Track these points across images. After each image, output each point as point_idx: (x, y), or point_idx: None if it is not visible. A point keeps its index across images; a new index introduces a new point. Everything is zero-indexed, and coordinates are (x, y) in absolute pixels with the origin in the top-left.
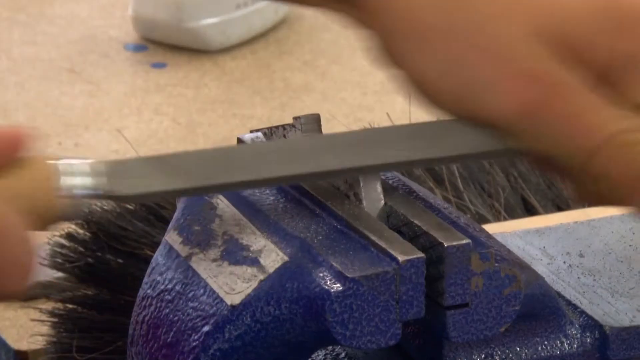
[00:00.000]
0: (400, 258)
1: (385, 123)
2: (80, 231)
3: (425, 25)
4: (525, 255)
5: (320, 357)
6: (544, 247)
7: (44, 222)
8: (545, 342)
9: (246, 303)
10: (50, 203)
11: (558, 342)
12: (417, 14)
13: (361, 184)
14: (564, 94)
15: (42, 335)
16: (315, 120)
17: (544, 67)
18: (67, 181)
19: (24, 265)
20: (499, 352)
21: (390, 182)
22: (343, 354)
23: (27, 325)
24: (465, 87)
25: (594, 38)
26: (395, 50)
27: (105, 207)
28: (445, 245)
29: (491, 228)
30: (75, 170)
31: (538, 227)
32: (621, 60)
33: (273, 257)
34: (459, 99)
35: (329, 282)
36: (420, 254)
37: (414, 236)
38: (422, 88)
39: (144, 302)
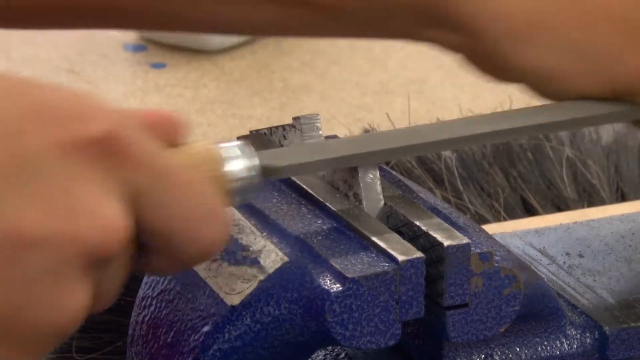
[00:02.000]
0: (400, 258)
1: (384, 123)
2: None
3: (544, 23)
4: (525, 255)
5: (320, 357)
6: (544, 248)
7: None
8: (545, 343)
9: (246, 303)
10: (223, 188)
11: (558, 342)
12: (522, 13)
13: (361, 185)
14: None
15: None
16: (315, 121)
17: None
18: (230, 166)
19: (215, 216)
20: (499, 353)
21: (390, 182)
22: (343, 354)
23: None
24: (593, 63)
25: None
26: (512, 60)
27: None
28: (445, 246)
29: (491, 228)
30: (236, 153)
31: (538, 228)
32: None
33: (273, 258)
34: (588, 78)
35: (328, 283)
36: (420, 254)
37: (414, 236)
38: (548, 82)
39: (143, 302)
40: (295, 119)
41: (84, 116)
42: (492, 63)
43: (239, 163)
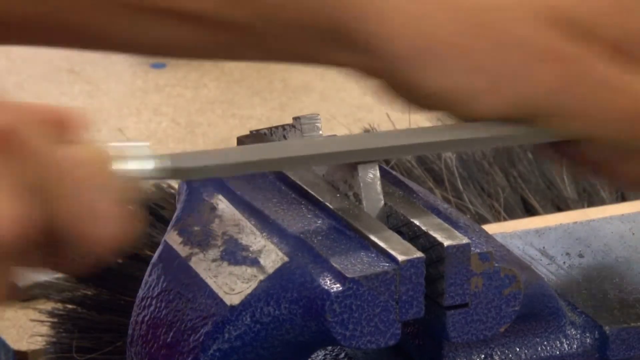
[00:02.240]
0: (400, 258)
1: (384, 123)
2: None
3: (443, 43)
4: (525, 255)
5: (320, 357)
6: (544, 248)
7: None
8: (545, 343)
9: (246, 303)
10: (108, 186)
11: (558, 342)
12: (430, 37)
13: (361, 184)
14: (585, 64)
15: (41, 335)
16: (315, 121)
17: (559, 44)
18: (121, 164)
19: (109, 212)
20: (499, 353)
21: (390, 182)
22: (343, 354)
23: (26, 326)
24: (494, 85)
25: (603, 18)
26: (415, 81)
27: None
28: (445, 246)
29: (491, 228)
30: (128, 154)
31: (538, 228)
32: (633, 36)
33: (273, 258)
34: (496, 98)
35: (328, 283)
36: (420, 254)
37: (414, 236)
38: (454, 104)
39: (143, 303)
40: (295, 119)
41: None
42: (401, 87)
43: (131, 163)
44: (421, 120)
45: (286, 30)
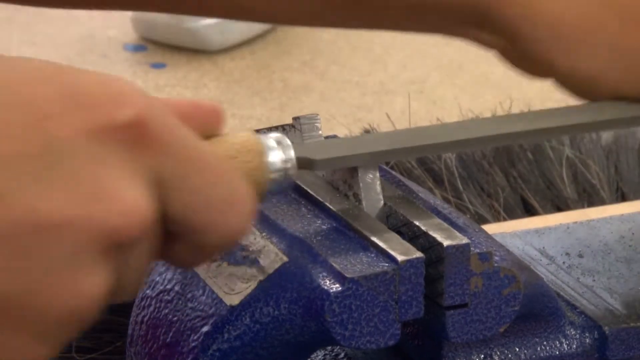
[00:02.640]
0: (400, 258)
1: (384, 123)
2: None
3: (583, 29)
4: (525, 255)
5: (320, 357)
6: (544, 248)
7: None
8: (545, 343)
9: (245, 303)
10: (261, 179)
11: (557, 342)
12: (565, 19)
13: (360, 184)
14: None
15: None
16: (315, 121)
17: None
18: (274, 156)
19: (242, 205)
20: (498, 353)
21: (390, 182)
22: (342, 354)
23: None
24: (633, 67)
25: None
26: (549, 62)
27: None
28: (445, 246)
29: (490, 228)
30: (274, 145)
31: (537, 228)
32: None
33: (272, 258)
34: (627, 81)
35: (328, 283)
36: (420, 254)
37: (414, 236)
38: (588, 85)
39: (143, 303)
40: (295, 119)
41: (112, 101)
42: (530, 63)
43: (276, 154)
44: (420, 120)
45: (425, 4)
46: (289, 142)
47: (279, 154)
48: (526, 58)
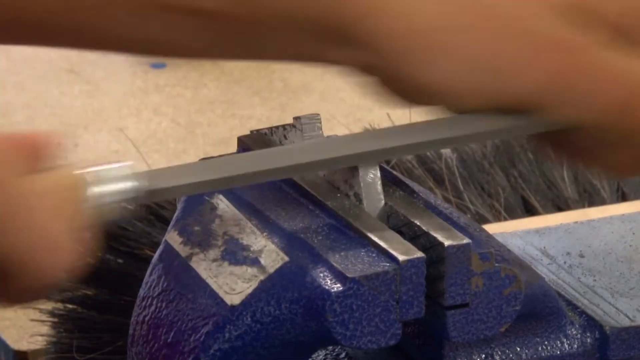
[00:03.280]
0: (401, 258)
1: (385, 123)
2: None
3: (440, 38)
4: (526, 255)
5: (321, 357)
6: (544, 248)
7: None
8: (546, 342)
9: (246, 303)
10: (79, 213)
11: (558, 342)
12: (426, 32)
13: (361, 184)
14: (584, 54)
15: (42, 335)
16: (315, 121)
17: (565, 34)
18: (95, 190)
19: (61, 246)
20: (499, 352)
21: (391, 182)
22: (343, 354)
23: (27, 326)
24: (492, 77)
25: (603, 1)
26: (411, 77)
27: None
28: (446, 245)
29: (491, 228)
30: (105, 177)
31: (538, 228)
32: (630, 16)
33: (273, 257)
34: (489, 91)
35: (329, 282)
36: (421, 254)
37: (414, 236)
38: (451, 99)
39: (144, 302)
40: (295, 119)
41: None
42: (398, 84)
43: (108, 187)
44: (421, 118)
45: (283, 25)
46: (119, 174)
47: (104, 187)
48: (394, 78)
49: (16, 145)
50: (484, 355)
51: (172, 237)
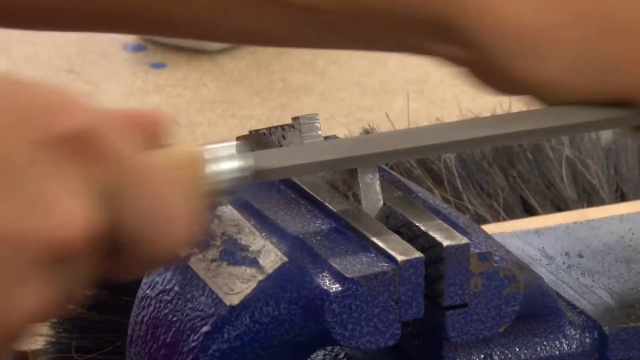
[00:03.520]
0: (399, 258)
1: (384, 123)
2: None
3: (542, 36)
4: (524, 255)
5: (320, 357)
6: (543, 248)
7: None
8: (545, 343)
9: (245, 303)
10: (200, 190)
11: (557, 342)
12: (526, 27)
13: (360, 185)
14: None
15: (41, 335)
16: (314, 121)
17: None
18: (213, 167)
19: (184, 218)
20: (498, 353)
21: (390, 182)
22: (342, 354)
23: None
24: (599, 73)
25: None
26: (510, 74)
27: None
28: (444, 246)
29: (490, 228)
30: (221, 155)
31: (537, 228)
32: None
33: (272, 258)
34: (594, 87)
35: (328, 283)
36: (419, 255)
37: (413, 236)
38: (552, 94)
39: (143, 303)
40: (294, 119)
41: (58, 113)
42: (496, 77)
43: (224, 165)
44: (420, 120)
45: (386, 21)
46: (239, 151)
47: (224, 164)
48: (492, 71)
49: (133, 122)
50: (482, 356)
51: None
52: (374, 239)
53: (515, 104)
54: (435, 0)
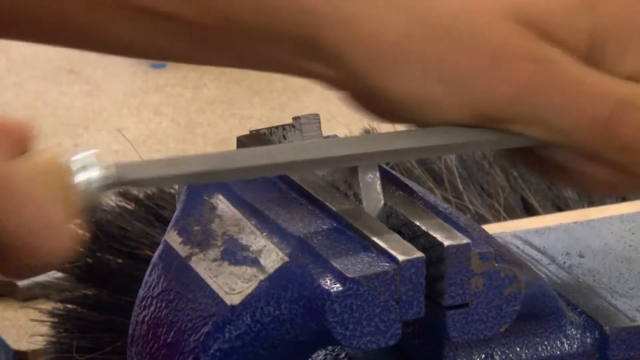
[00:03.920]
0: (400, 258)
1: (383, 124)
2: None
3: (403, 50)
4: (525, 255)
5: (320, 357)
6: (544, 248)
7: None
8: (545, 342)
9: (246, 303)
10: (66, 199)
11: (558, 342)
12: (389, 44)
13: (361, 184)
14: (558, 66)
15: (41, 335)
16: (314, 121)
17: (531, 46)
18: (80, 177)
19: (53, 227)
20: (499, 353)
21: (390, 182)
22: (343, 354)
23: (27, 326)
24: (464, 92)
25: (573, 15)
26: (376, 91)
27: (105, 207)
28: (445, 246)
29: (491, 228)
30: (85, 164)
31: (538, 228)
32: (600, 38)
33: (273, 257)
34: (455, 104)
35: (329, 282)
36: (420, 254)
37: (414, 236)
38: (417, 112)
39: (144, 302)
40: (295, 118)
41: None
42: (366, 97)
43: (87, 174)
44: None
45: (254, 36)
46: (95, 161)
47: (86, 173)
48: (361, 91)
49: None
50: (483, 356)
51: (172, 237)
52: (375, 239)
53: None
54: (303, 16)
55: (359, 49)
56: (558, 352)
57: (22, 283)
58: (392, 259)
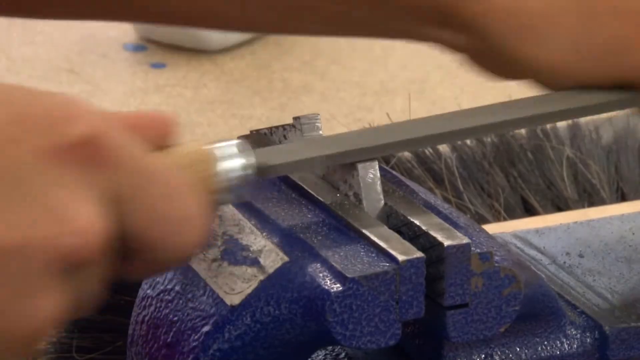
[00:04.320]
0: (400, 258)
1: (384, 123)
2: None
3: (544, 19)
4: (525, 255)
5: (320, 357)
6: (544, 248)
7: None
8: (545, 343)
9: (246, 303)
10: (210, 189)
11: (558, 342)
12: (528, 9)
13: (361, 184)
14: None
15: None
16: (315, 121)
17: None
18: (221, 166)
19: (197, 219)
20: (499, 352)
21: (390, 182)
22: (343, 354)
23: None
24: (600, 55)
25: None
26: (514, 56)
27: None
28: (445, 246)
29: (491, 228)
30: (226, 153)
31: (538, 228)
32: None
33: (273, 257)
34: (595, 70)
35: (328, 282)
36: (420, 254)
37: (414, 236)
38: (553, 76)
39: (143, 302)
40: (295, 118)
41: (64, 121)
42: (496, 61)
43: (231, 163)
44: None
45: (386, 8)
46: (246, 148)
47: (232, 162)
48: (493, 55)
49: (138, 124)
50: (483, 355)
51: None
52: (375, 239)
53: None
54: None
55: (501, 21)
56: (558, 352)
57: None
58: (392, 259)
